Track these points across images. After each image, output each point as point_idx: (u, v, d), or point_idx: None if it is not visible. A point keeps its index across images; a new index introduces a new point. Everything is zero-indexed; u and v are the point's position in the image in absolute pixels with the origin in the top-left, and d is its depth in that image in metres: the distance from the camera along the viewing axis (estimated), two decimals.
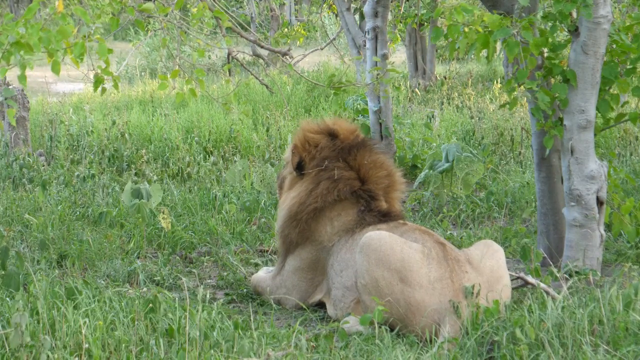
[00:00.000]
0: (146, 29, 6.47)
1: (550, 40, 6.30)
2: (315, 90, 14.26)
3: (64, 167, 10.18)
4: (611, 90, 6.55)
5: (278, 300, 6.05)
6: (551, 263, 6.39)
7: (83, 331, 4.61)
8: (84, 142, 11.33)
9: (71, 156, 10.80)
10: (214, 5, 6.54)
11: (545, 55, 6.41)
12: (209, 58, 20.98)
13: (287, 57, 8.10)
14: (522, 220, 8.09)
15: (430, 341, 5.07)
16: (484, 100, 14.40)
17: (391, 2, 10.10)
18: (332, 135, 6.13)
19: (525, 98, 6.72)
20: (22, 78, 5.22)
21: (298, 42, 17.96)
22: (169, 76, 6.29)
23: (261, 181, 9.37)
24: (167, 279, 6.56)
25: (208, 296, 5.43)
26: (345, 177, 5.97)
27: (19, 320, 4.45)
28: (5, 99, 5.64)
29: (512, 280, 5.66)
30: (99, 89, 5.74)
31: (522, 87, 6.29)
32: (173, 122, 12.28)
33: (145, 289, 6.04)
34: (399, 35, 14.46)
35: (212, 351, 4.67)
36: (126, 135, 11.39)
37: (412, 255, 5.30)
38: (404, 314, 5.25)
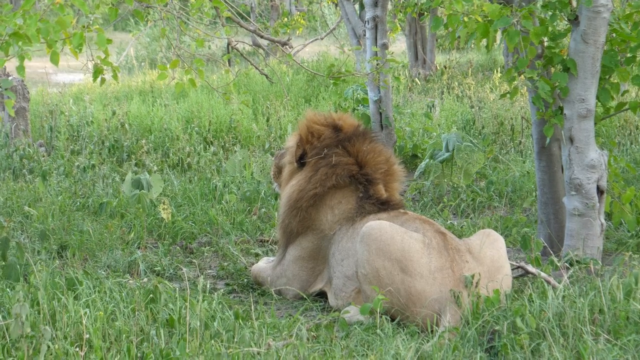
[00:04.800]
0: (145, 19, 6.45)
1: (550, 29, 6.29)
2: (315, 80, 14.23)
3: (64, 157, 10.17)
4: (611, 79, 6.53)
5: (279, 290, 6.05)
6: (552, 252, 6.40)
7: (84, 322, 4.61)
8: (84, 133, 11.32)
9: (71, 147, 10.79)
10: None
11: (546, 44, 6.40)
12: (209, 48, 20.94)
13: (287, 47, 8.08)
14: (523, 209, 8.09)
15: (431, 331, 5.07)
16: (484, 89, 14.38)
17: None
18: (336, 128, 6.13)
19: (526, 87, 6.70)
20: (21, 69, 5.21)
21: (298, 32, 17.93)
22: (168, 66, 6.28)
23: (261, 171, 9.36)
24: (167, 269, 6.57)
25: (208, 286, 5.43)
26: (343, 162, 5.97)
27: (20, 311, 4.46)
28: (5, 89, 5.63)
29: (512, 269, 5.65)
30: (98, 79, 5.73)
31: (522, 76, 6.28)
32: (173, 112, 12.27)
33: (145, 280, 6.04)
34: (399, 25, 14.43)
35: (212, 341, 4.67)
36: (126, 125, 11.38)
37: (413, 245, 5.29)
38: (404, 304, 5.25)
